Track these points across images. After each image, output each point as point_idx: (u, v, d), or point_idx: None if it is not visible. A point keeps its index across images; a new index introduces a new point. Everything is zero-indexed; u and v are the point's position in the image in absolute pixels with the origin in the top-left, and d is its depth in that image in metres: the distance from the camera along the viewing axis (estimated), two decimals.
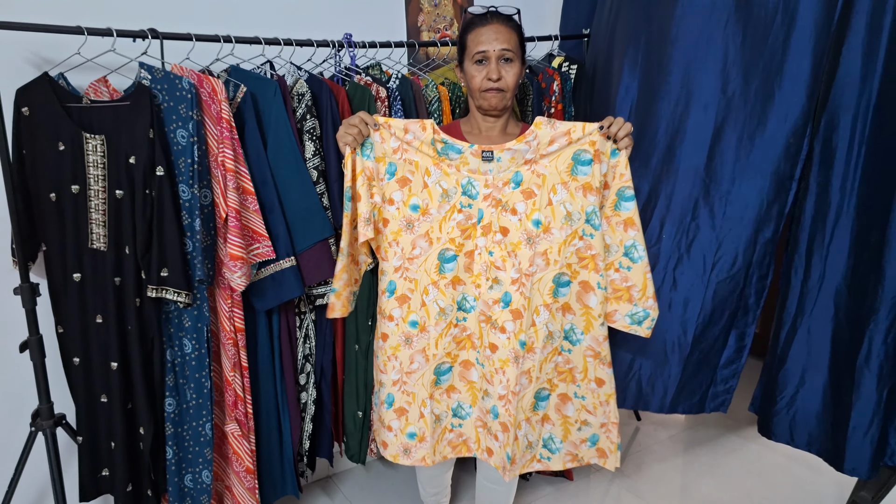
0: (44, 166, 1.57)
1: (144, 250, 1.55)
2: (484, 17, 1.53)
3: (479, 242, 1.50)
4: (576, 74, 2.16)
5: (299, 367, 1.86)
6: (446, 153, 1.46)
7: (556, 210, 1.47)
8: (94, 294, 1.62)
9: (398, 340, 1.55)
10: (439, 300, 1.51)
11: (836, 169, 1.74)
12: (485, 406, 1.58)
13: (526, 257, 1.48)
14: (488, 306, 1.52)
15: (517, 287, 1.49)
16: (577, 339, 1.55)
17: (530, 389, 1.55)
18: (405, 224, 1.49)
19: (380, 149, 1.47)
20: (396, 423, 1.60)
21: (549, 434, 1.63)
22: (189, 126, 1.55)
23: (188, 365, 1.67)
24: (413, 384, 1.57)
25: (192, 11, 1.87)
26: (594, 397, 1.59)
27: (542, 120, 1.44)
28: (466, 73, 1.56)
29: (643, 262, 1.51)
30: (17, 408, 1.79)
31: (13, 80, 1.54)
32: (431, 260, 1.50)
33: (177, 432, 1.71)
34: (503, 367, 1.53)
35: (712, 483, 2.32)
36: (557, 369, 1.58)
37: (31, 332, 1.61)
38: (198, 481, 1.73)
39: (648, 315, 1.55)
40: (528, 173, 1.46)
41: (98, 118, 1.57)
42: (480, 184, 1.48)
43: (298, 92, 1.71)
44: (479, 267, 1.51)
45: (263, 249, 1.64)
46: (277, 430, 1.84)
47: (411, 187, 1.48)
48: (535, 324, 1.51)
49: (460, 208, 1.49)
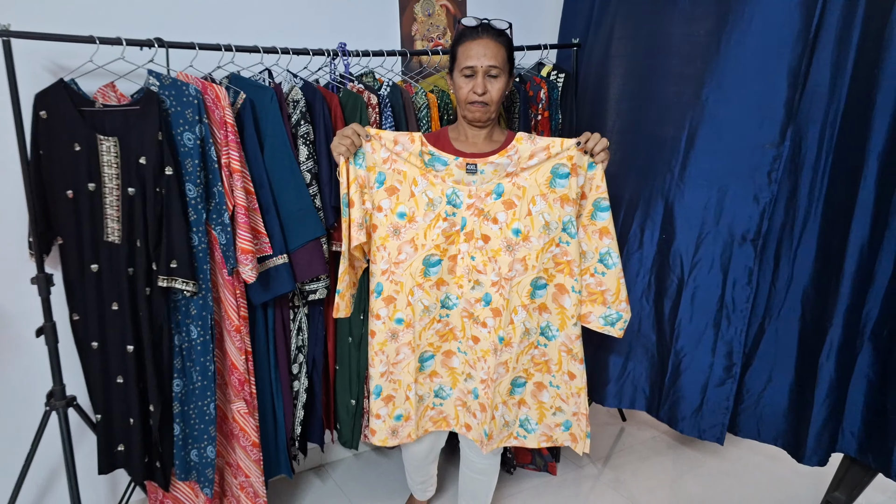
0: (61, 166, 1.70)
1: (155, 243, 1.67)
2: (475, 30, 1.60)
3: (461, 248, 1.62)
4: (563, 83, 2.27)
5: (292, 358, 1.98)
6: (433, 164, 1.58)
7: (535, 220, 1.58)
8: (110, 283, 1.75)
9: (385, 336, 1.67)
10: (424, 299, 1.64)
11: (804, 176, 1.83)
12: (466, 387, 1.71)
13: (506, 263, 1.60)
14: (470, 304, 1.65)
15: (497, 289, 1.62)
16: (552, 335, 1.68)
17: (506, 378, 1.67)
18: (392, 230, 1.61)
19: (371, 159, 1.58)
20: (384, 409, 1.73)
21: (525, 416, 1.76)
22: (196, 129, 1.67)
23: (194, 349, 1.80)
24: (399, 372, 1.70)
25: (195, 22, 2.00)
26: (567, 388, 1.71)
27: (523, 136, 1.55)
28: (455, 83, 1.66)
29: (617, 269, 1.63)
30: (32, 390, 1.93)
31: (32, 86, 1.67)
32: (416, 264, 1.61)
33: (183, 411, 1.84)
34: (484, 356, 1.66)
35: (693, 481, 2.41)
36: (534, 361, 1.70)
37: (45, 319, 1.74)
38: (203, 456, 1.86)
39: (621, 317, 1.67)
40: (509, 185, 1.58)
41: (110, 121, 1.70)
42: (464, 194, 1.59)
43: (293, 99, 1.83)
44: (461, 269, 1.63)
45: (264, 245, 1.77)
46: (272, 415, 1.96)
47: (399, 196, 1.60)
48: (513, 322, 1.63)
49: (445, 217, 1.60)
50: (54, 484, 2.04)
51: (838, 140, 1.75)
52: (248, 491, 1.92)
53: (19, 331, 1.89)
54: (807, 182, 1.83)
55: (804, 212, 1.85)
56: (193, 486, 1.96)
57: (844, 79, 1.72)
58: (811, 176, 1.82)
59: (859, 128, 1.70)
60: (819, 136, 1.78)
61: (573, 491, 2.34)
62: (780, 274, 1.91)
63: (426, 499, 2.16)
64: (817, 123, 1.78)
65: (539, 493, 2.32)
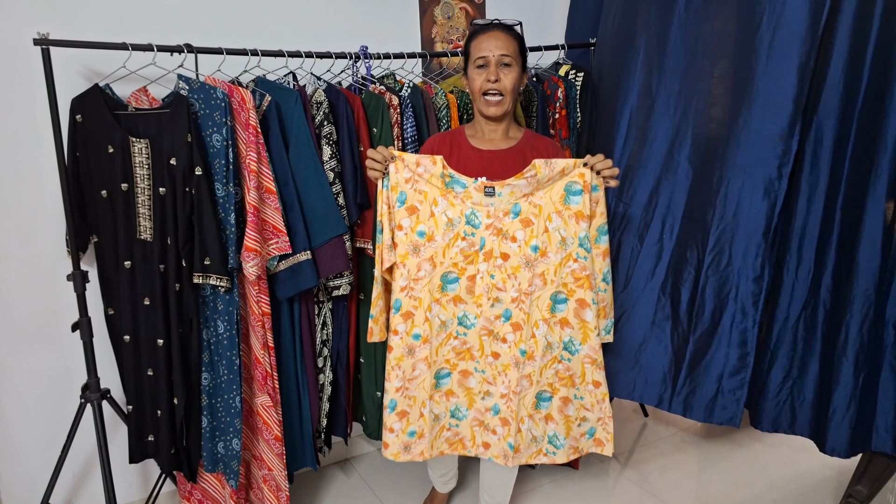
0: (96, 167, 1.78)
1: (185, 241, 1.74)
2: (486, 26, 1.70)
3: (480, 267, 1.66)
4: (582, 81, 2.29)
5: (317, 351, 2.03)
6: (452, 186, 1.63)
7: (552, 236, 1.64)
8: (143, 279, 1.82)
9: (402, 352, 1.70)
10: (441, 314, 1.68)
11: (823, 170, 1.84)
12: (484, 405, 1.74)
13: (525, 279, 1.65)
14: (490, 321, 1.69)
15: (517, 304, 1.67)
16: (575, 349, 1.72)
17: (531, 391, 1.71)
18: (412, 248, 1.65)
19: (394, 179, 1.63)
20: (398, 424, 1.76)
21: (553, 432, 1.78)
22: (223, 131, 1.73)
23: (221, 344, 1.86)
24: (415, 388, 1.73)
25: (223, 27, 2.07)
26: (591, 397, 1.75)
27: (540, 163, 1.59)
28: (469, 78, 1.71)
29: (611, 285, 1.77)
30: (70, 382, 2.01)
31: (69, 91, 1.75)
32: (435, 281, 1.66)
33: (211, 403, 1.90)
34: (505, 370, 1.70)
35: (716, 475, 2.41)
36: (558, 376, 1.74)
37: (81, 314, 1.81)
38: (229, 448, 1.92)
39: (612, 323, 1.81)
40: (525, 204, 1.63)
41: (142, 124, 1.77)
42: (483, 214, 1.64)
43: (317, 100, 1.89)
44: (480, 289, 1.67)
45: (281, 244, 1.82)
46: (298, 407, 2.02)
47: (419, 215, 1.64)
48: (534, 335, 1.68)
49: (464, 236, 1.65)
50: (89, 473, 2.12)
51: (856, 135, 1.76)
52: (271, 484, 1.97)
53: (58, 325, 1.97)
54: (825, 176, 1.84)
55: (824, 206, 1.86)
56: (220, 477, 2.02)
57: (862, 74, 1.72)
58: (830, 170, 1.83)
59: (876, 123, 1.71)
60: (839, 132, 1.80)
61: (596, 485, 2.36)
62: (802, 267, 1.92)
63: (447, 491, 2.19)
64: (835, 119, 1.80)
65: (561, 486, 2.35)
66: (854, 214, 1.78)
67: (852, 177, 1.79)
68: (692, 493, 2.31)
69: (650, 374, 2.18)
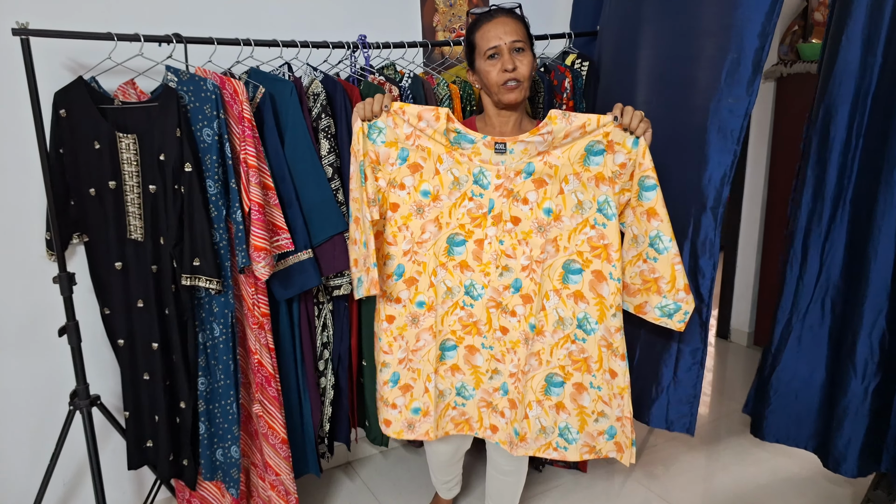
0: (83, 164, 1.69)
1: (176, 241, 1.65)
2: (488, 13, 1.58)
3: (489, 232, 1.54)
4: (587, 71, 2.20)
5: (318, 354, 1.95)
6: (458, 142, 1.50)
7: (568, 199, 1.51)
8: (136, 280, 1.74)
9: (405, 321, 1.60)
10: (447, 280, 1.57)
11: (832, 161, 1.71)
12: (492, 385, 1.63)
13: (537, 245, 1.52)
14: (498, 293, 1.57)
15: (527, 273, 1.54)
16: (591, 328, 1.57)
17: (540, 371, 1.59)
18: (415, 209, 1.55)
19: (392, 134, 1.50)
20: (401, 399, 1.66)
21: (564, 423, 1.63)
22: (214, 125, 1.65)
23: (217, 348, 1.78)
24: (419, 360, 1.63)
25: (214, 16, 1.98)
26: (609, 389, 1.60)
27: (557, 113, 1.44)
28: (480, 72, 1.58)
29: (669, 253, 1.52)
30: (60, 388, 1.93)
31: (52, 84, 1.66)
32: (440, 243, 1.55)
33: (208, 409, 1.83)
34: (514, 347, 1.58)
35: (727, 477, 2.34)
36: (572, 357, 1.59)
37: (68, 318, 1.73)
38: (227, 455, 1.84)
39: (680, 308, 1.55)
40: (540, 163, 1.50)
41: (130, 118, 1.68)
42: (492, 174, 1.51)
43: (314, 92, 1.80)
44: (488, 255, 1.55)
45: (283, 241, 1.74)
46: (299, 412, 1.94)
47: (422, 173, 1.53)
48: (544, 308, 1.55)
49: (471, 196, 1.53)
50: (81, 481, 2.04)
51: (868, 122, 1.64)
52: (280, 489, 1.89)
53: (46, 329, 1.89)
54: (835, 167, 1.71)
55: (833, 200, 1.73)
56: (220, 485, 1.95)
57: (876, 56, 1.60)
58: (840, 160, 1.70)
59: (890, 109, 1.59)
60: (849, 119, 1.67)
61: (604, 488, 2.29)
62: (809, 267, 1.79)
63: (451, 497, 2.12)
64: (846, 105, 1.66)
65: (569, 490, 2.27)
66: (865, 208, 1.66)
67: (864, 167, 1.67)
68: (703, 495, 2.24)
69: None
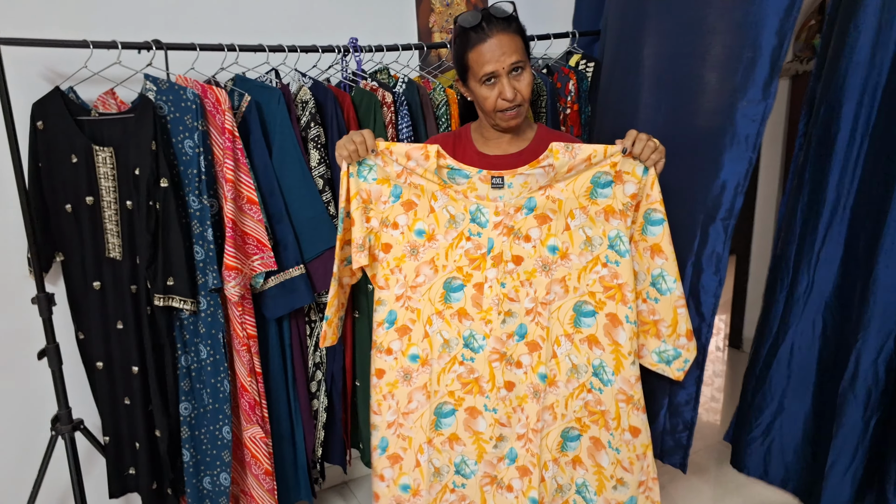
0: (59, 178, 1.61)
1: (149, 260, 1.57)
2: (480, 28, 1.34)
3: (489, 274, 1.40)
4: (593, 73, 2.10)
5: (310, 375, 1.86)
6: (453, 178, 1.37)
7: (575, 235, 1.37)
8: (115, 301, 1.66)
9: (396, 376, 1.46)
10: (444, 331, 1.42)
11: (834, 163, 1.55)
12: (497, 454, 1.46)
13: (542, 285, 1.38)
14: (501, 342, 1.41)
15: (532, 317, 1.40)
16: (607, 379, 1.41)
17: (556, 427, 1.43)
18: (409, 249, 1.42)
19: (382, 171, 1.39)
20: (389, 471, 1.51)
21: (582, 480, 1.48)
22: (195, 137, 1.56)
23: (203, 370, 1.70)
24: (410, 426, 1.48)
25: (198, 22, 1.88)
26: (629, 450, 1.43)
27: (560, 147, 1.30)
28: (475, 94, 1.42)
29: (673, 295, 1.39)
30: (39, 414, 1.84)
31: (29, 95, 1.58)
32: (436, 288, 1.42)
33: (193, 435, 1.74)
34: (521, 404, 1.43)
35: (738, 501, 2.22)
36: (588, 408, 1.44)
37: (48, 340, 1.64)
38: (216, 483, 1.75)
39: (679, 355, 1.42)
40: (542, 198, 1.36)
41: (107, 131, 1.60)
42: (490, 211, 1.38)
43: (302, 99, 1.71)
44: (489, 301, 1.40)
45: (266, 260, 1.64)
46: (290, 437, 1.85)
47: (417, 211, 1.41)
48: (556, 355, 1.41)
49: (468, 236, 1.40)
50: None
51: (876, 119, 1.48)
52: None
53: (27, 351, 1.80)
54: (836, 170, 1.55)
55: (831, 207, 1.57)
56: None
57: (889, 45, 1.44)
58: (842, 162, 1.54)
59: None
60: (854, 115, 1.51)
61: None
62: (800, 280, 1.63)
63: None
64: (852, 100, 1.51)
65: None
66: (869, 217, 1.49)
67: (869, 170, 1.50)
68: None
69: None
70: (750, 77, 1.48)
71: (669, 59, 1.66)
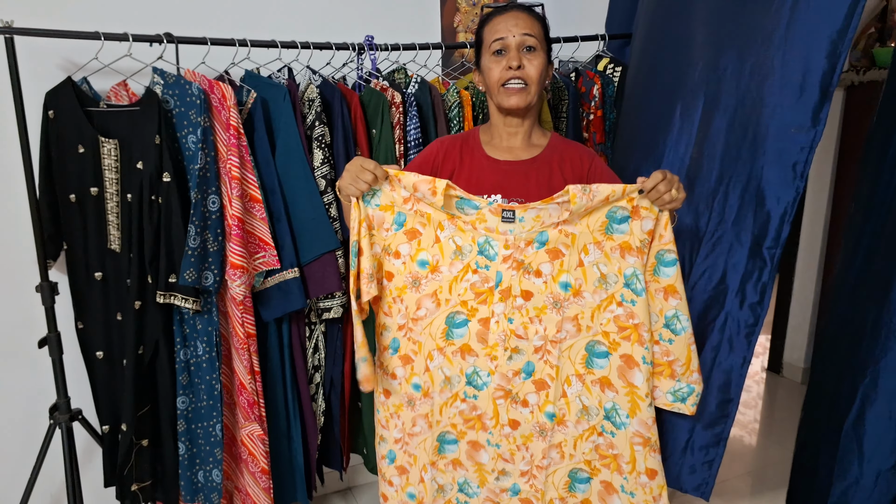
0: (67, 168, 1.62)
1: (152, 256, 1.56)
2: (502, 7, 1.40)
3: (496, 309, 1.33)
4: (620, 77, 2.00)
5: (309, 378, 1.82)
6: (461, 208, 1.31)
7: (588, 272, 1.30)
8: (115, 293, 1.67)
9: (401, 400, 1.42)
10: (444, 368, 1.36)
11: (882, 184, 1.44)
12: (499, 486, 1.41)
13: (553, 322, 1.32)
14: (507, 379, 1.35)
15: (541, 355, 1.33)
16: (621, 422, 1.35)
17: (563, 466, 1.37)
18: (411, 281, 1.36)
19: (387, 197, 1.32)
20: (398, 479, 1.48)
21: None
22: (198, 132, 1.54)
23: (200, 367, 1.68)
24: (415, 447, 1.44)
25: (215, 17, 1.87)
26: (645, 493, 1.36)
27: (577, 190, 1.23)
28: (484, 70, 1.40)
29: (686, 334, 1.32)
30: (40, 402, 1.87)
31: (45, 85, 1.59)
32: (438, 323, 1.35)
33: (189, 429, 1.73)
34: (525, 443, 1.37)
35: None
36: (599, 452, 1.37)
37: (49, 329, 1.66)
38: (208, 479, 1.74)
39: (693, 390, 1.36)
40: (554, 232, 1.29)
41: (114, 123, 1.60)
42: (500, 244, 1.31)
43: (309, 98, 1.67)
44: (495, 337, 1.34)
45: (269, 258, 1.62)
46: (287, 437, 1.82)
47: (421, 241, 1.34)
48: (565, 394, 1.34)
49: (475, 268, 1.33)
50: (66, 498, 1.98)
51: None
52: None
53: (31, 339, 1.83)
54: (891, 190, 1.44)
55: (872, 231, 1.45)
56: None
57: None
58: None
59: None
60: None
61: None
62: None
63: None
64: None
65: None
66: None
67: None
68: None
69: None
70: (797, 101, 1.37)
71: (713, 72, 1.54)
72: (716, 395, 1.55)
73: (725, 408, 1.55)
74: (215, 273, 1.59)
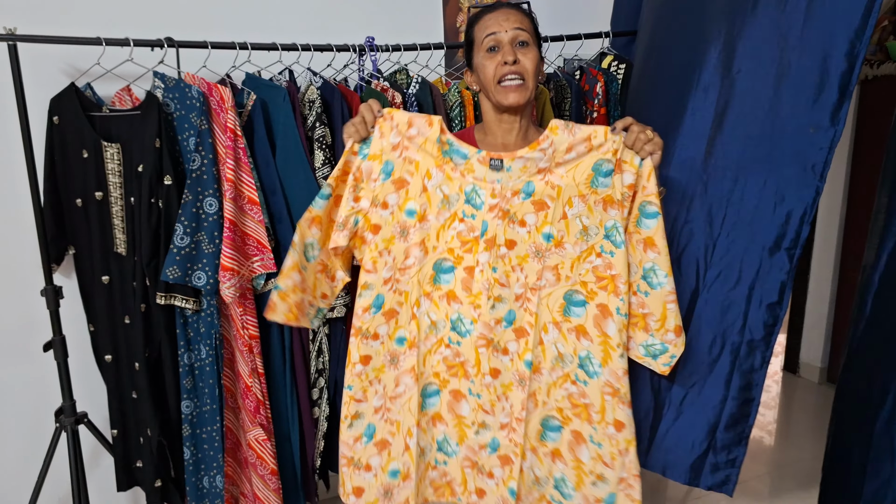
0: (71, 173, 1.64)
1: (150, 258, 1.56)
2: (491, 6, 1.41)
3: (480, 258, 1.35)
4: (624, 74, 1.97)
5: (312, 381, 1.81)
6: (451, 155, 1.33)
7: (571, 224, 1.32)
8: (122, 296, 1.68)
9: (383, 361, 1.42)
10: (431, 312, 1.39)
11: None
12: (479, 441, 1.42)
13: (533, 271, 1.34)
14: (489, 328, 1.37)
15: (521, 303, 1.36)
16: (593, 370, 1.36)
17: (535, 414, 1.39)
18: (399, 231, 1.37)
19: (377, 145, 1.33)
20: (377, 459, 1.45)
21: (560, 474, 1.41)
22: (197, 135, 1.55)
23: (203, 370, 1.68)
24: (398, 410, 1.43)
25: (216, 21, 1.88)
26: (612, 445, 1.37)
27: (559, 123, 1.28)
28: (477, 68, 1.40)
29: (663, 290, 1.33)
30: (45, 406, 1.88)
31: (50, 91, 1.61)
32: (426, 269, 1.37)
33: (194, 433, 1.73)
34: (506, 392, 1.38)
35: None
36: (571, 400, 1.39)
37: (54, 333, 1.67)
38: (213, 484, 1.74)
39: (667, 350, 1.36)
40: (541, 184, 1.31)
41: (115, 127, 1.61)
42: (486, 193, 1.33)
43: (309, 99, 1.67)
44: (479, 286, 1.36)
45: (266, 261, 1.61)
46: (288, 441, 1.81)
47: (408, 190, 1.35)
48: (542, 342, 1.36)
49: (462, 217, 1.35)
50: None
51: None
52: None
53: (37, 342, 1.84)
54: None
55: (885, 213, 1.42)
56: None
57: None
58: None
59: None
60: None
61: None
62: None
63: None
64: None
65: None
66: None
67: None
68: None
69: None
70: (816, 101, 1.35)
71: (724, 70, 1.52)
72: (736, 397, 1.53)
73: (747, 408, 1.54)
74: (209, 274, 1.58)
